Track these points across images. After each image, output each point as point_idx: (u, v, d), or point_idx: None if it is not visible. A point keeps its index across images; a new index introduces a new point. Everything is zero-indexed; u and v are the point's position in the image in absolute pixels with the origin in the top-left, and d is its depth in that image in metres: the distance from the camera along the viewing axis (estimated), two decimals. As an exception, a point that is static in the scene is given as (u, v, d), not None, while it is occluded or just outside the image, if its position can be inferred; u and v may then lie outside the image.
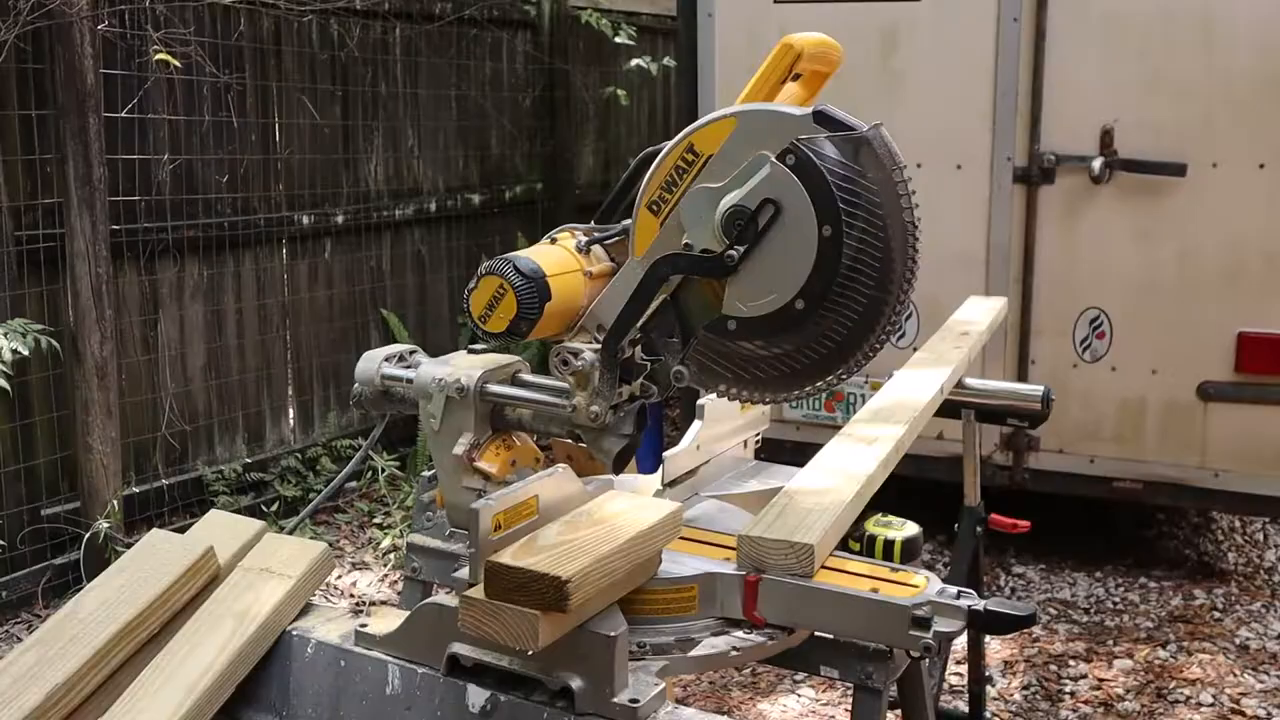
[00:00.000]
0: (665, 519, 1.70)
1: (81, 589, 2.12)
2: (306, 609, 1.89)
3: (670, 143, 1.62)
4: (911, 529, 2.01)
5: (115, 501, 4.61)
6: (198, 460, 5.34)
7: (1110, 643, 4.36)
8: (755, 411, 2.27)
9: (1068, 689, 4.04)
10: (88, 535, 4.53)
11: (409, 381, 1.87)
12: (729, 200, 1.58)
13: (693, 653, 1.72)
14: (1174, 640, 4.38)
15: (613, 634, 1.55)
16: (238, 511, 2.87)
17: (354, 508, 5.65)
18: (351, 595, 4.81)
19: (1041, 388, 2.81)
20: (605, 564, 1.54)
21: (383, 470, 5.52)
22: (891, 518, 2.04)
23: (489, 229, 7.03)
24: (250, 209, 5.53)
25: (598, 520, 1.67)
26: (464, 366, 1.82)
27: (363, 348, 5.68)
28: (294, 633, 1.82)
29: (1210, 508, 5.12)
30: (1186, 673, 4.14)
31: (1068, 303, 4.73)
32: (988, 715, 3.39)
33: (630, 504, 1.73)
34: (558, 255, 1.72)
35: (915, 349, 2.89)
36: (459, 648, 1.63)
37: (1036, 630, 4.41)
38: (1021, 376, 4.75)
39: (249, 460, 5.55)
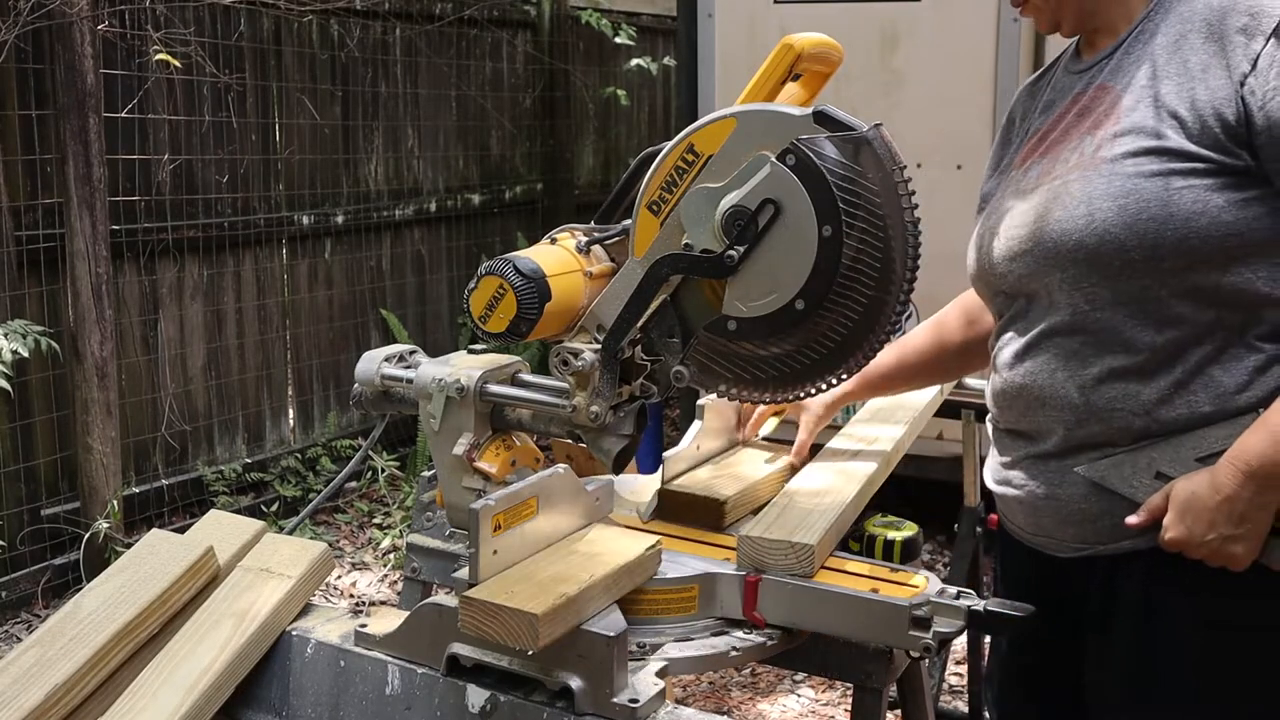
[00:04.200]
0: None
1: (81, 589, 2.12)
2: (306, 609, 1.89)
3: (670, 143, 1.62)
4: (911, 529, 2.01)
5: (115, 501, 4.61)
6: (198, 460, 5.34)
7: (1110, 643, 4.36)
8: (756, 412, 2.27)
9: (1068, 689, 4.03)
10: (87, 535, 4.53)
11: (409, 382, 1.87)
12: (729, 200, 1.58)
13: (693, 653, 1.72)
14: (1174, 640, 4.38)
15: (613, 634, 1.55)
16: (238, 511, 2.87)
17: (354, 508, 5.65)
18: (351, 595, 4.81)
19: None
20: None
21: (383, 470, 5.52)
22: (891, 518, 2.04)
23: (489, 229, 7.03)
24: (250, 209, 5.53)
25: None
26: (464, 366, 1.82)
27: (363, 348, 5.70)
28: (294, 633, 1.82)
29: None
30: (1186, 673, 4.14)
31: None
32: (987, 715, 3.39)
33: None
34: (558, 255, 1.72)
35: (915, 349, 2.88)
36: (459, 648, 1.63)
37: (1036, 630, 4.40)
38: (1021, 376, 4.74)
39: (249, 460, 5.55)
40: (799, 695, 3.99)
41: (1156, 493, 1.63)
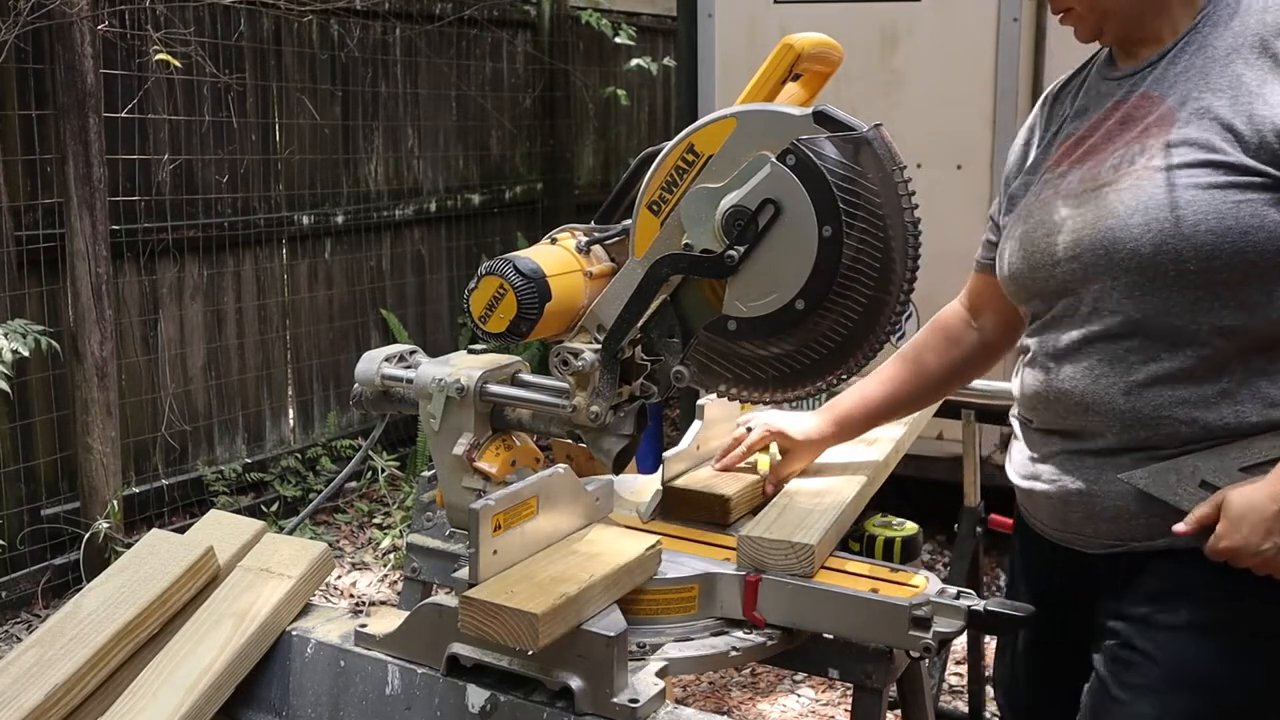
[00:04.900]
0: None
1: (81, 589, 2.12)
2: (306, 609, 1.89)
3: (670, 143, 1.62)
4: (911, 529, 2.02)
5: (115, 501, 4.61)
6: (198, 460, 5.34)
7: (1110, 643, 4.35)
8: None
9: (1068, 689, 4.02)
10: (88, 535, 4.53)
11: (409, 382, 1.87)
12: (729, 200, 1.58)
13: (693, 653, 1.72)
14: (1174, 640, 4.37)
15: (613, 634, 1.55)
16: (238, 511, 2.86)
17: (354, 508, 5.65)
18: (351, 595, 4.81)
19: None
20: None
21: (383, 470, 5.52)
22: (891, 518, 2.04)
23: (489, 229, 7.03)
24: (250, 209, 5.53)
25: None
26: (464, 366, 1.82)
27: (363, 348, 5.69)
28: (294, 633, 1.82)
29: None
30: (1186, 673, 4.13)
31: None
32: (987, 715, 3.39)
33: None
34: (558, 255, 1.72)
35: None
36: (459, 648, 1.64)
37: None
38: (1021, 376, 4.73)
39: (249, 460, 5.55)
40: (799, 695, 3.98)
41: (1204, 502, 1.62)
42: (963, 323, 2.07)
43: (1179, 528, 1.63)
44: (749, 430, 2.12)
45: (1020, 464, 1.87)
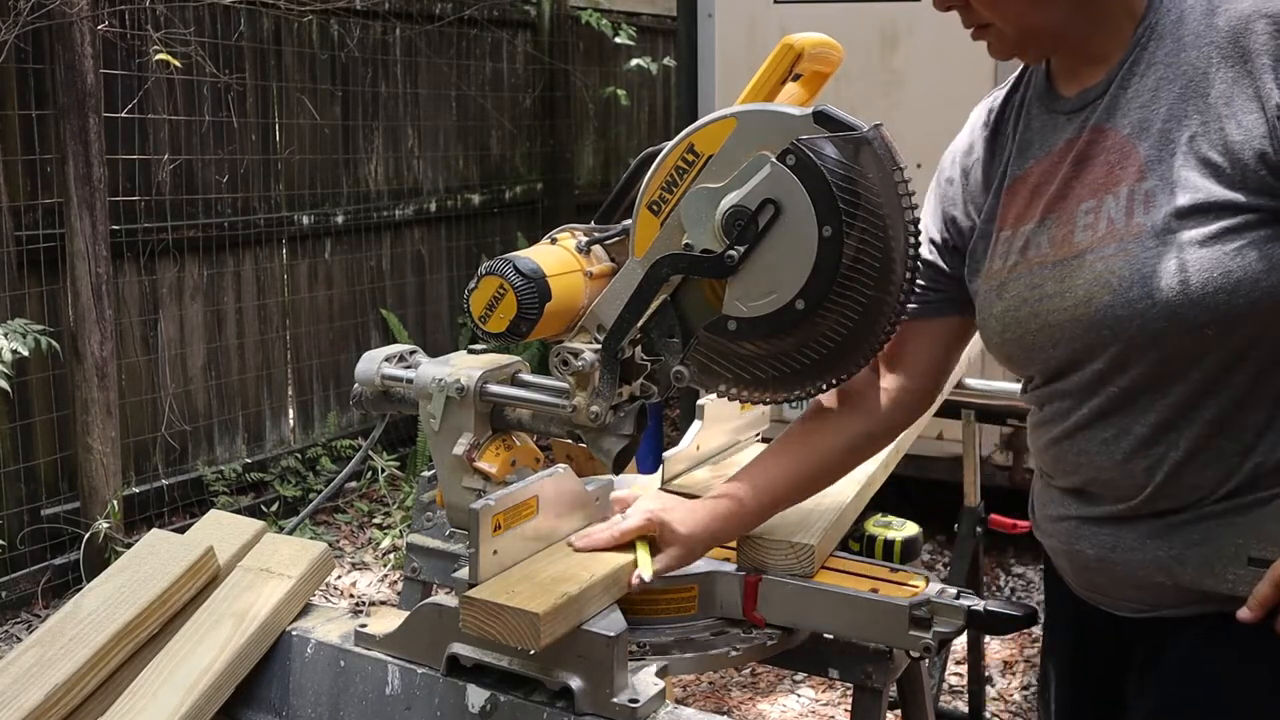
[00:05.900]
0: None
1: (81, 589, 2.12)
2: (306, 609, 1.89)
3: (670, 143, 1.62)
4: (911, 529, 2.01)
5: (115, 501, 4.61)
6: (198, 460, 5.34)
7: (1110, 643, 4.35)
8: (755, 411, 2.28)
9: (1068, 689, 4.02)
10: (87, 535, 4.53)
11: (409, 382, 1.87)
12: (729, 200, 1.58)
13: (693, 653, 1.72)
14: (1174, 640, 4.36)
15: (613, 634, 1.55)
16: (238, 511, 2.86)
17: (354, 508, 5.65)
18: (351, 595, 4.81)
19: (1041, 388, 2.79)
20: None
21: (383, 470, 5.52)
22: (891, 518, 2.04)
23: (489, 229, 7.03)
24: (250, 209, 5.53)
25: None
26: (464, 366, 1.82)
27: (363, 348, 5.70)
28: (294, 633, 1.82)
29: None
30: (1186, 673, 4.12)
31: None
32: (988, 715, 3.39)
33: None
34: (558, 255, 1.72)
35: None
36: (459, 648, 1.63)
37: (1036, 630, 4.40)
38: (1021, 376, 4.72)
39: (249, 460, 5.55)
40: (799, 695, 3.98)
41: (1262, 581, 1.45)
42: (864, 385, 1.78)
43: (1243, 614, 1.45)
44: (623, 515, 1.76)
45: (1040, 515, 1.74)
